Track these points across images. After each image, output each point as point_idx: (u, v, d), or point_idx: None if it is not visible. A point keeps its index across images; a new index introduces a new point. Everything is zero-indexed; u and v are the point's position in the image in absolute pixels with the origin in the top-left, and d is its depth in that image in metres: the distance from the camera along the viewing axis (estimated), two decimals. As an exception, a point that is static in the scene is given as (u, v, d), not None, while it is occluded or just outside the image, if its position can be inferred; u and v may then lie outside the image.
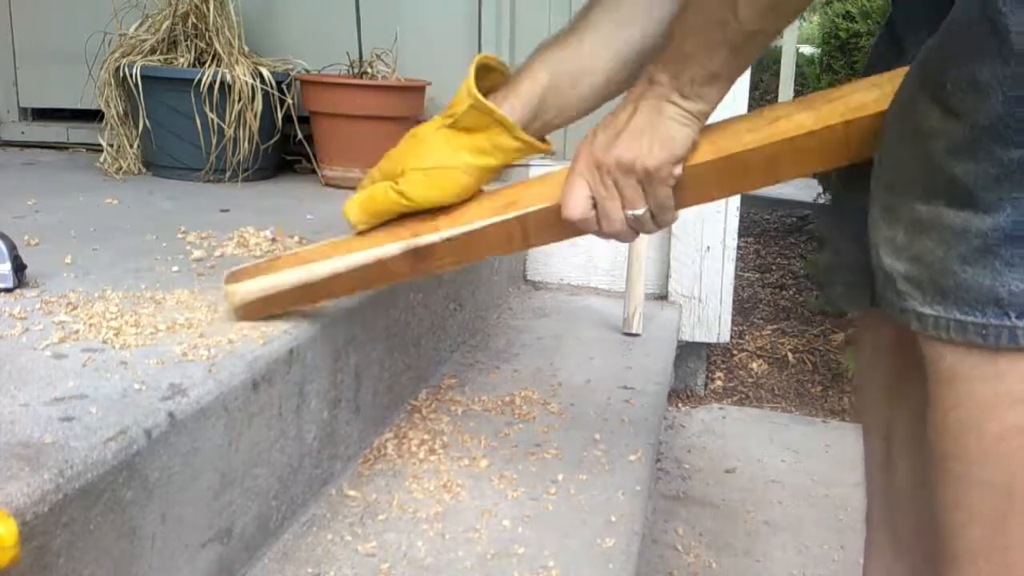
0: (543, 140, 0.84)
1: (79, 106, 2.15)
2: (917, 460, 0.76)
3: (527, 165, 2.04)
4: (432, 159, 0.81)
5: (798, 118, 0.72)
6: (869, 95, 0.69)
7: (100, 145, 1.95)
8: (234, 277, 0.89)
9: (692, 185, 0.74)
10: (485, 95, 0.80)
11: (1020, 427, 0.57)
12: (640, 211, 0.74)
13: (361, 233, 0.86)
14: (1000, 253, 0.55)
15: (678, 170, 0.72)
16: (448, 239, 0.82)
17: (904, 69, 0.65)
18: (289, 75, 1.91)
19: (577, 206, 0.75)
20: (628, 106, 0.72)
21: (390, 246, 0.84)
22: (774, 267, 3.12)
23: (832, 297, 0.79)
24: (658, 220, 0.76)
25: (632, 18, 0.80)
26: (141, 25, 1.90)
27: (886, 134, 0.66)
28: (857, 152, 0.71)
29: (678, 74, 0.68)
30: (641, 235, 0.79)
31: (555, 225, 0.79)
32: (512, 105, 0.80)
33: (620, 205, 0.74)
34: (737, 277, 2.54)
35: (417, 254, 0.84)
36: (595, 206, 0.75)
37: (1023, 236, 0.55)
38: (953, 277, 0.58)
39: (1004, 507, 0.59)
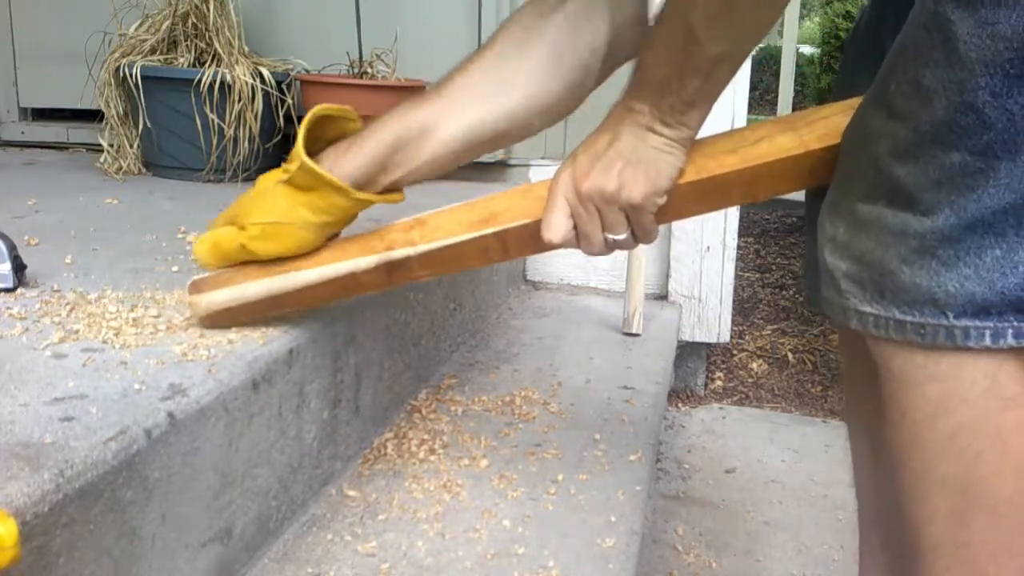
0: (398, 190, 0.84)
1: (79, 106, 2.16)
2: None
3: (527, 165, 2.04)
4: (272, 214, 0.81)
5: (780, 140, 0.72)
6: (847, 119, 0.69)
7: (100, 145, 1.95)
8: (196, 287, 0.86)
9: (672, 204, 0.74)
10: (329, 145, 0.82)
11: (969, 425, 0.58)
12: (622, 236, 0.74)
13: (332, 244, 0.85)
14: (937, 254, 0.56)
15: (663, 200, 0.72)
16: (423, 254, 0.82)
17: None
18: (289, 75, 1.91)
19: (559, 230, 0.75)
20: (606, 133, 0.72)
21: (364, 259, 0.83)
22: (774, 267, 3.12)
23: (812, 299, 0.80)
24: (639, 240, 0.76)
25: (497, 87, 0.81)
26: (141, 25, 1.90)
27: (843, 141, 0.67)
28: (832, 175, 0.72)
29: (657, 103, 0.68)
30: None
31: (535, 240, 0.78)
32: (350, 161, 0.80)
33: (600, 228, 0.74)
34: (737, 277, 2.54)
35: (391, 267, 0.83)
36: (575, 227, 0.75)
37: (960, 237, 0.55)
38: (892, 277, 0.58)
39: (961, 504, 0.60)
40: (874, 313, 0.60)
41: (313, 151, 0.81)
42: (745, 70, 1.92)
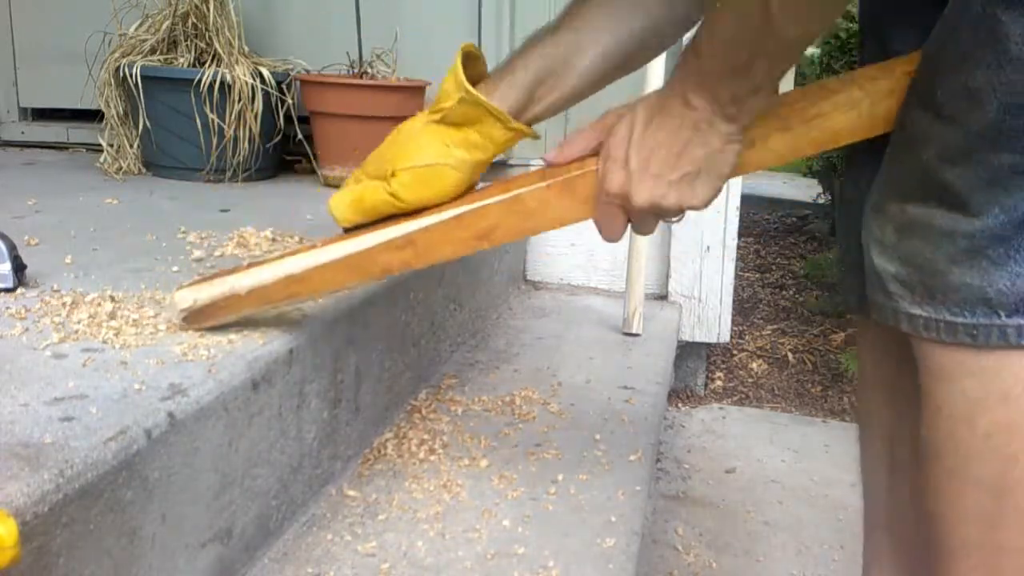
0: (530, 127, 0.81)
1: (79, 106, 2.15)
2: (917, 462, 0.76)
3: (527, 165, 2.04)
4: (423, 157, 0.78)
5: (773, 143, 0.70)
6: (845, 118, 0.67)
7: (100, 145, 1.95)
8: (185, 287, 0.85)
9: None
10: (472, 85, 0.77)
11: (1008, 424, 0.58)
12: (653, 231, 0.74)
13: (328, 265, 0.83)
14: (987, 253, 0.56)
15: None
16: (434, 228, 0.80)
17: (886, 82, 0.65)
18: (289, 75, 1.91)
19: (620, 234, 0.74)
20: (659, 133, 0.67)
21: (359, 283, 0.83)
22: (774, 267, 3.12)
23: (848, 300, 0.79)
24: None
25: (629, 10, 0.78)
26: (141, 25, 1.90)
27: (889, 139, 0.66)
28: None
29: (716, 95, 0.63)
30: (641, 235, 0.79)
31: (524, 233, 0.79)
32: (504, 94, 0.78)
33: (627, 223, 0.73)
34: (737, 277, 2.53)
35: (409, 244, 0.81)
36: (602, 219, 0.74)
37: (1010, 236, 0.55)
38: (942, 277, 0.58)
39: (995, 506, 0.59)
40: (924, 315, 0.60)
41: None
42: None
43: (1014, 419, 0.57)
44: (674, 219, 0.71)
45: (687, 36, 0.74)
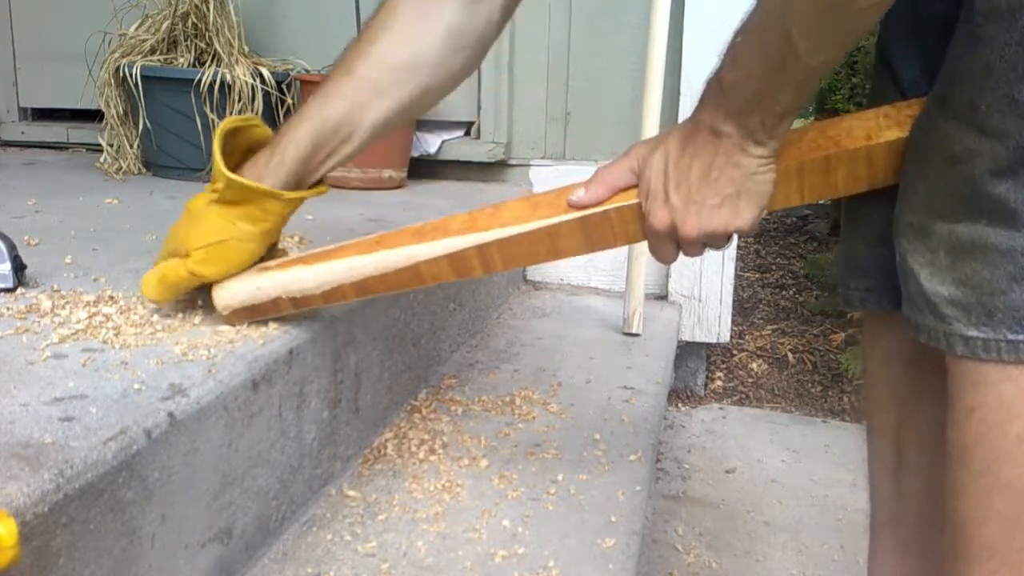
0: (320, 182, 0.87)
1: (79, 106, 2.16)
2: (929, 464, 0.76)
3: (527, 165, 2.04)
4: (212, 235, 0.82)
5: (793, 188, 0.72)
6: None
7: (100, 145, 1.95)
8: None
9: None
10: (250, 154, 0.83)
11: None
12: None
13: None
14: None
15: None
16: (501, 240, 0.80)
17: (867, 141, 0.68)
18: (289, 75, 1.91)
19: (673, 259, 0.75)
20: (696, 163, 0.68)
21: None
22: (774, 267, 3.12)
23: (848, 298, 0.79)
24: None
25: (405, 77, 0.83)
26: (141, 25, 1.90)
27: (908, 160, 0.66)
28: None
29: (745, 121, 0.64)
30: None
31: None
32: (274, 172, 0.82)
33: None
34: (737, 277, 2.53)
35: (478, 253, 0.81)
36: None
37: None
38: (1002, 297, 0.58)
39: (1021, 509, 0.59)
40: (982, 337, 0.59)
41: (230, 166, 0.82)
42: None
43: None
44: (724, 245, 0.72)
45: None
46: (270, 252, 0.88)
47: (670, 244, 0.72)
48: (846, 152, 0.69)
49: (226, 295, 0.85)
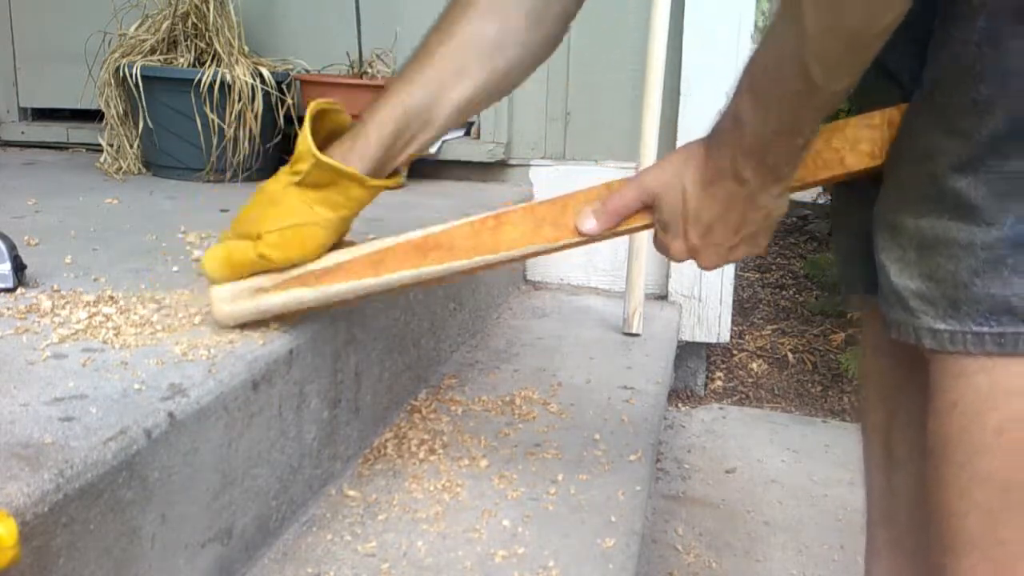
0: (396, 173, 0.86)
1: (79, 106, 2.16)
2: (917, 459, 0.76)
3: (527, 165, 2.04)
4: (288, 218, 0.80)
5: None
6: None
7: (100, 145, 1.95)
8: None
9: None
10: (329, 140, 0.81)
11: (1018, 420, 0.58)
12: None
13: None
14: (1008, 262, 0.57)
15: None
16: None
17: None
18: (289, 75, 1.91)
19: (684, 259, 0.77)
20: (715, 207, 0.69)
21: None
22: (774, 267, 3.12)
23: (846, 292, 0.80)
24: None
25: (491, 49, 0.81)
26: (141, 25, 1.90)
27: (887, 160, 0.67)
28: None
29: (765, 160, 0.65)
30: (641, 234, 0.80)
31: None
32: (360, 154, 0.80)
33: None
34: (737, 277, 2.54)
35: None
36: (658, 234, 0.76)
37: None
38: (965, 290, 0.59)
39: (1001, 501, 0.60)
40: (949, 329, 0.60)
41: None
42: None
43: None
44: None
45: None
46: (337, 244, 0.85)
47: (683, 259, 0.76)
48: (850, 173, 0.70)
49: (226, 315, 0.84)
